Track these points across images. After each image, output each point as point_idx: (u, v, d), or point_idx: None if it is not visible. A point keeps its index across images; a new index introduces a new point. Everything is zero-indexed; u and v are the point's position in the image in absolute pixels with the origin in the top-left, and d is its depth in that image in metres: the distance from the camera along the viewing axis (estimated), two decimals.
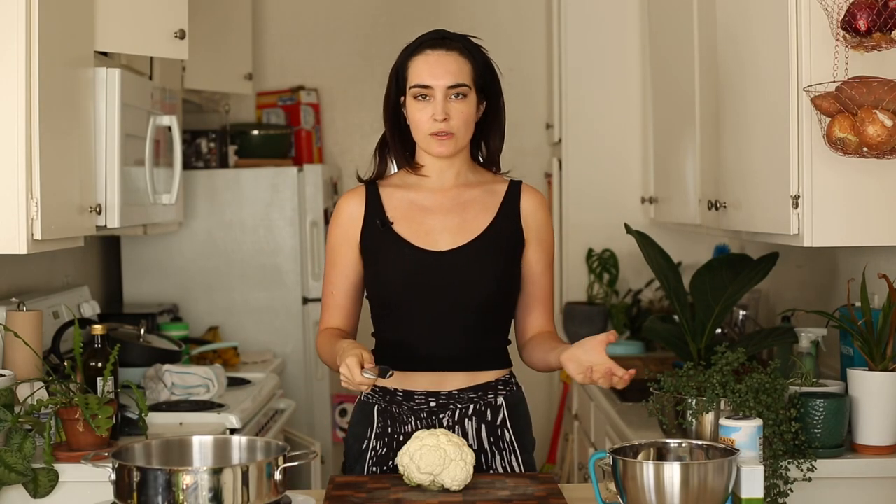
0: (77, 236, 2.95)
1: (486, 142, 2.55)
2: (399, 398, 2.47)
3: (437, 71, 2.40)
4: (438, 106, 2.40)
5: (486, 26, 5.31)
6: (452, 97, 2.41)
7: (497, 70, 2.51)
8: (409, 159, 2.52)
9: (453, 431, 2.44)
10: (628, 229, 2.99)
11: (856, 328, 2.58)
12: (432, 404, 2.45)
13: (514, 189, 2.53)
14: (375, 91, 5.45)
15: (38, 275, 3.60)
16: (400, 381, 2.45)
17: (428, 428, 2.42)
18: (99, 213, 3.06)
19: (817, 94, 2.41)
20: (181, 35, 3.34)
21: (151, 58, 3.79)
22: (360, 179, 2.58)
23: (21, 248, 2.61)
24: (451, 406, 2.45)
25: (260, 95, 5.29)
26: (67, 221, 2.83)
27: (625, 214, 4.46)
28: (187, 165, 4.63)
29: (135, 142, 3.28)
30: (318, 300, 4.53)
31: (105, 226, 3.11)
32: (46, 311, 3.26)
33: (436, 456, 2.23)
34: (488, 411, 2.48)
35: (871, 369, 2.56)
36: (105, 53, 3.25)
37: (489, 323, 2.48)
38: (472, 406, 2.46)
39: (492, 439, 2.48)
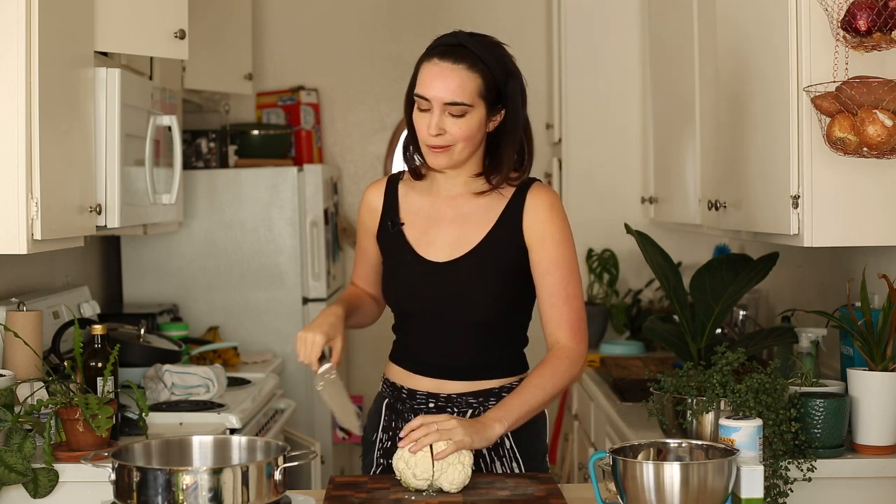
0: (77, 236, 2.95)
1: (497, 151, 2.44)
2: (404, 395, 2.50)
3: (437, 84, 2.33)
4: (434, 120, 2.34)
5: (486, 26, 5.26)
6: (449, 113, 2.34)
7: (523, 80, 2.43)
8: (417, 162, 2.51)
9: None
10: (628, 229, 2.99)
11: (856, 328, 2.58)
12: (431, 405, 2.47)
13: (521, 192, 2.45)
14: (375, 91, 5.47)
15: (38, 275, 3.60)
16: (405, 379, 2.50)
17: None
18: (99, 213, 3.06)
19: (817, 94, 2.41)
20: (181, 35, 3.34)
21: (151, 58, 3.79)
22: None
23: (21, 248, 2.61)
24: (449, 409, 2.45)
25: (260, 95, 5.29)
26: (67, 221, 2.83)
27: (625, 214, 4.46)
28: (187, 165, 4.63)
29: (135, 142, 3.28)
30: (318, 300, 4.56)
31: (105, 226, 3.10)
32: (46, 311, 3.26)
33: (430, 462, 2.23)
34: None
35: (871, 369, 2.56)
36: (105, 53, 3.25)
37: (492, 334, 2.45)
38: (469, 412, 2.44)
39: (489, 446, 2.40)
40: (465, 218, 2.45)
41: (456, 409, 2.45)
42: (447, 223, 2.46)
